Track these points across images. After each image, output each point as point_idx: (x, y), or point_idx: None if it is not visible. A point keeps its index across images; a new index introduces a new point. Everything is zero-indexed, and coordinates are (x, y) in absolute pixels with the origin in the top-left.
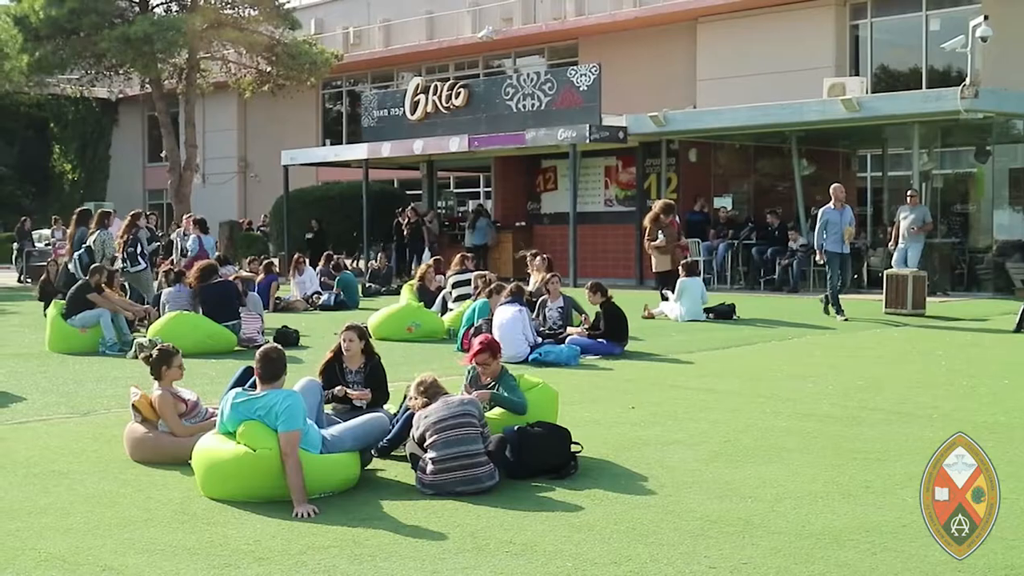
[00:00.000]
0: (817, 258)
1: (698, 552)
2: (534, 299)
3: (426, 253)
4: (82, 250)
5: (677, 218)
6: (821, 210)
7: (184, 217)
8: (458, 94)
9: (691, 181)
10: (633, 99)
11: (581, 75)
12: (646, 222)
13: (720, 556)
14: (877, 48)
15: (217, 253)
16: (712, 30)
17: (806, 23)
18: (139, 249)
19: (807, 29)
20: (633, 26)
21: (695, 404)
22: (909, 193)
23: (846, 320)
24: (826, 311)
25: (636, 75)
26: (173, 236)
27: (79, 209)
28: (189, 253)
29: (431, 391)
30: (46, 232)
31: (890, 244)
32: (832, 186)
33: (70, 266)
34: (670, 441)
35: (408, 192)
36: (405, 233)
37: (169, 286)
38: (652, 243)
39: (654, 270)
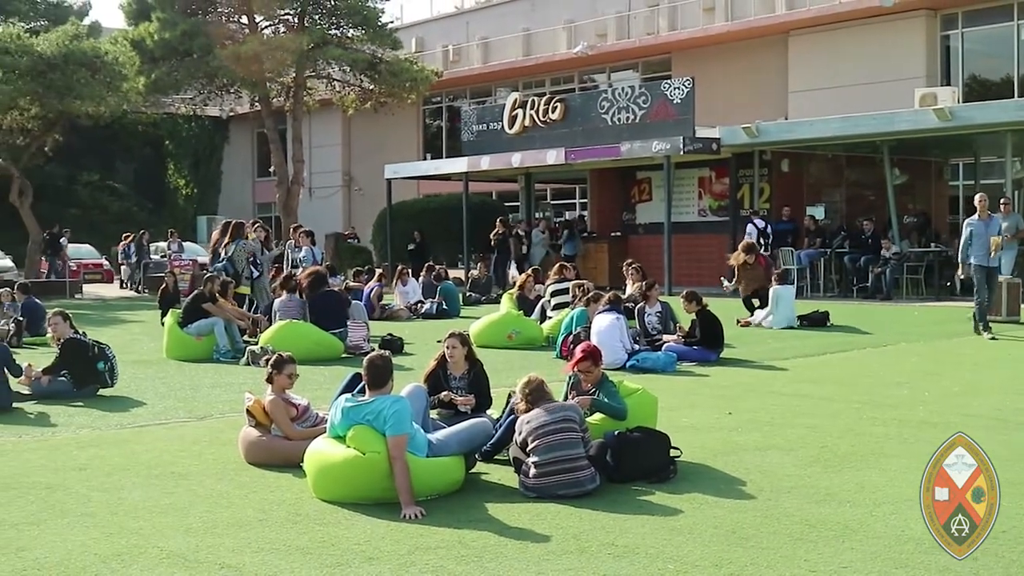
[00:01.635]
0: (960, 273)
1: (798, 556)
2: (632, 305)
3: (512, 265)
4: (223, 261)
5: (763, 254)
6: (966, 222)
7: (293, 228)
8: (555, 108)
9: (783, 191)
10: (725, 111)
11: (675, 88)
12: (732, 261)
13: (819, 560)
14: (968, 58)
15: (327, 262)
16: (803, 42)
17: (897, 34)
18: (254, 259)
19: (898, 40)
20: (725, 40)
21: (791, 410)
22: (1002, 201)
23: (993, 339)
24: (977, 331)
25: (728, 87)
26: (285, 248)
27: (225, 221)
28: (302, 264)
29: (535, 395)
30: (162, 245)
31: None
32: (976, 196)
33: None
34: (767, 446)
35: (506, 204)
36: (492, 244)
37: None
38: (737, 285)
39: (741, 295)
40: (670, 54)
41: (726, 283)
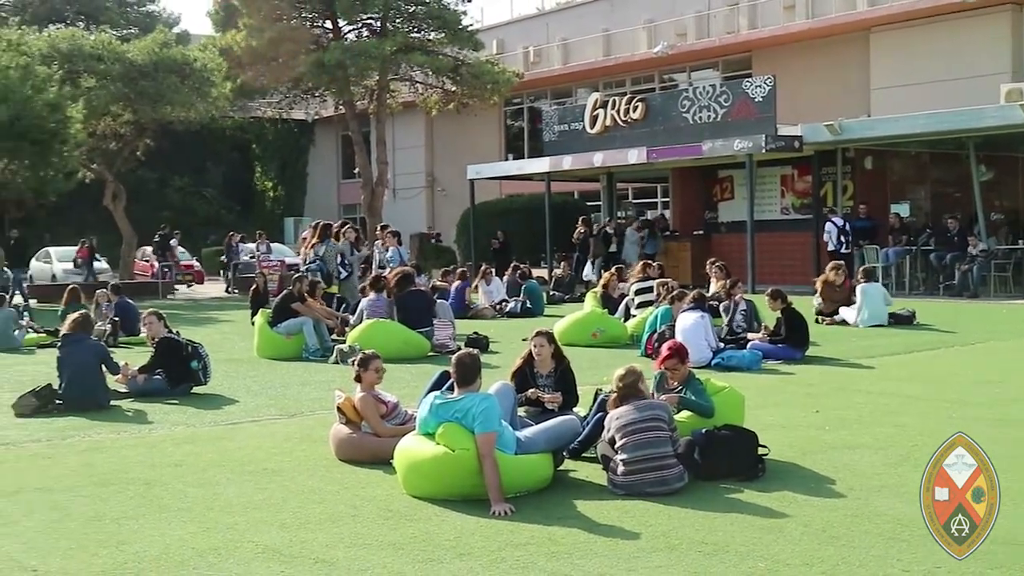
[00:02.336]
0: None
1: (890, 555)
2: (716, 303)
3: (588, 264)
4: (315, 262)
5: (849, 279)
6: None
7: (380, 229)
8: (636, 108)
9: (867, 188)
10: (807, 109)
11: (756, 87)
12: (818, 284)
13: (913, 559)
14: None
15: (413, 262)
16: (885, 39)
17: (980, 29)
18: (342, 259)
19: (982, 35)
20: (806, 37)
21: (879, 408)
22: None
23: None
24: None
25: (810, 85)
26: (372, 249)
27: (316, 222)
28: (389, 265)
29: (628, 389)
30: (250, 246)
31: None
32: None
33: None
34: (856, 445)
35: (588, 204)
36: (574, 243)
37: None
38: (821, 303)
39: (824, 311)
40: (750, 52)
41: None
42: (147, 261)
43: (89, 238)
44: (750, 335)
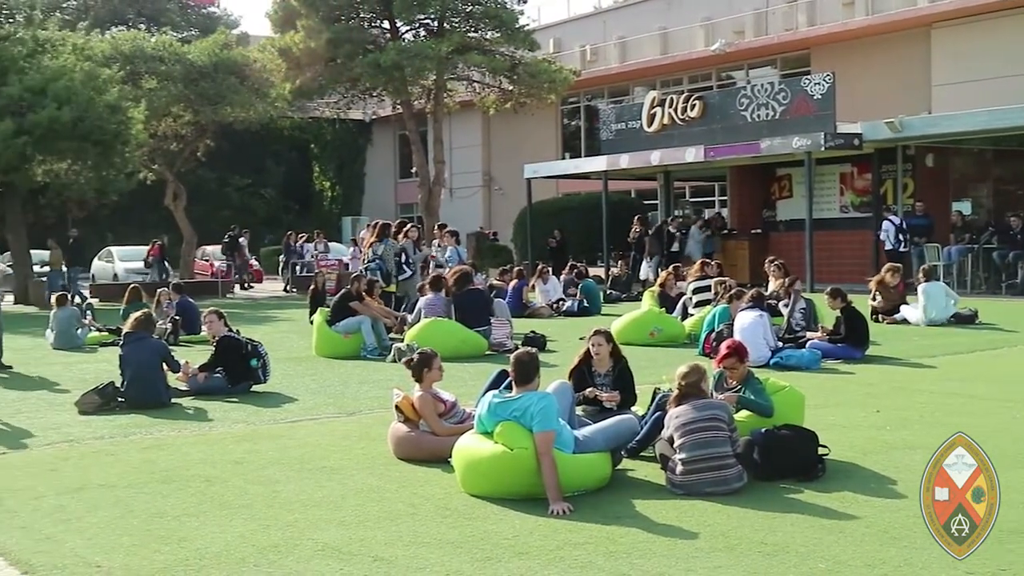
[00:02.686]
0: None
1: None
2: (774, 302)
3: (644, 263)
4: (375, 261)
5: (903, 281)
6: None
7: (438, 228)
8: (693, 106)
9: (928, 186)
10: (867, 106)
11: (815, 84)
12: (872, 285)
13: (977, 561)
14: None
15: (471, 261)
16: (946, 35)
17: None
18: (405, 258)
19: None
20: (865, 34)
21: (941, 408)
22: None
23: None
24: None
25: (869, 82)
26: (431, 248)
27: (376, 222)
28: (447, 264)
29: (690, 388)
30: (308, 246)
31: None
32: None
33: (367, 274)
34: (918, 445)
35: (645, 202)
36: (629, 240)
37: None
38: (873, 304)
39: (878, 310)
40: (809, 50)
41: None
42: (207, 260)
43: (160, 237)
44: (809, 334)
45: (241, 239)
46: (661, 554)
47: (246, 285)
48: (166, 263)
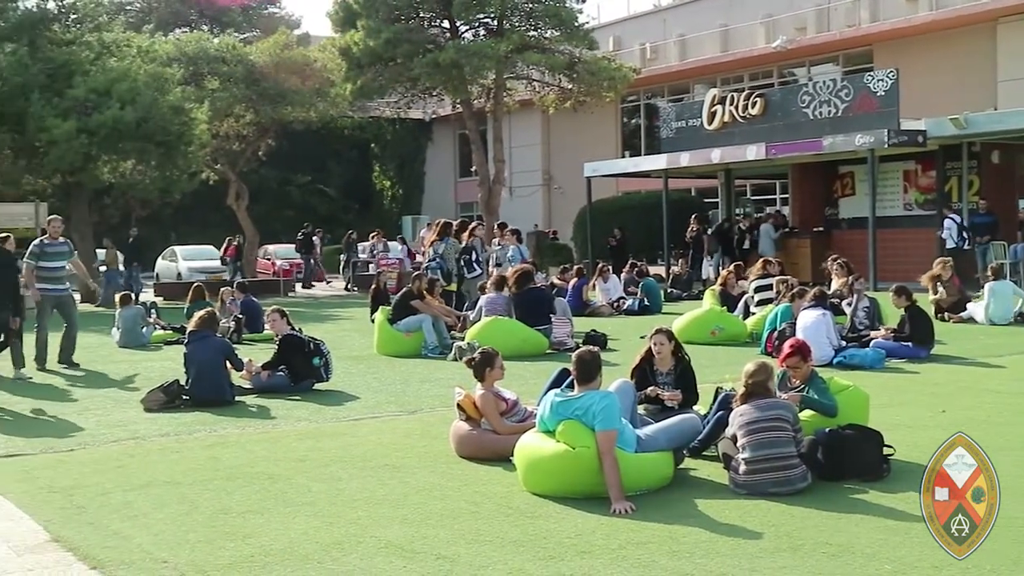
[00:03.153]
0: None
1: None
2: (837, 301)
3: (704, 261)
4: (436, 260)
5: (956, 276)
6: None
7: (496, 227)
8: (754, 103)
9: (994, 183)
10: (931, 102)
11: (878, 80)
12: (926, 281)
13: None
14: None
15: (533, 260)
16: (1013, 30)
17: None
18: (474, 257)
19: None
20: (929, 29)
21: (1011, 408)
22: None
23: None
24: None
25: (933, 78)
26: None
27: (441, 221)
28: (509, 263)
29: (756, 387)
30: (364, 244)
31: None
32: None
33: (428, 273)
34: (985, 446)
35: (705, 200)
36: (687, 239)
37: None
38: (933, 298)
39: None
40: (872, 46)
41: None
42: (268, 260)
43: (236, 236)
44: (872, 333)
45: (315, 237)
46: (724, 554)
47: (312, 284)
48: (213, 262)
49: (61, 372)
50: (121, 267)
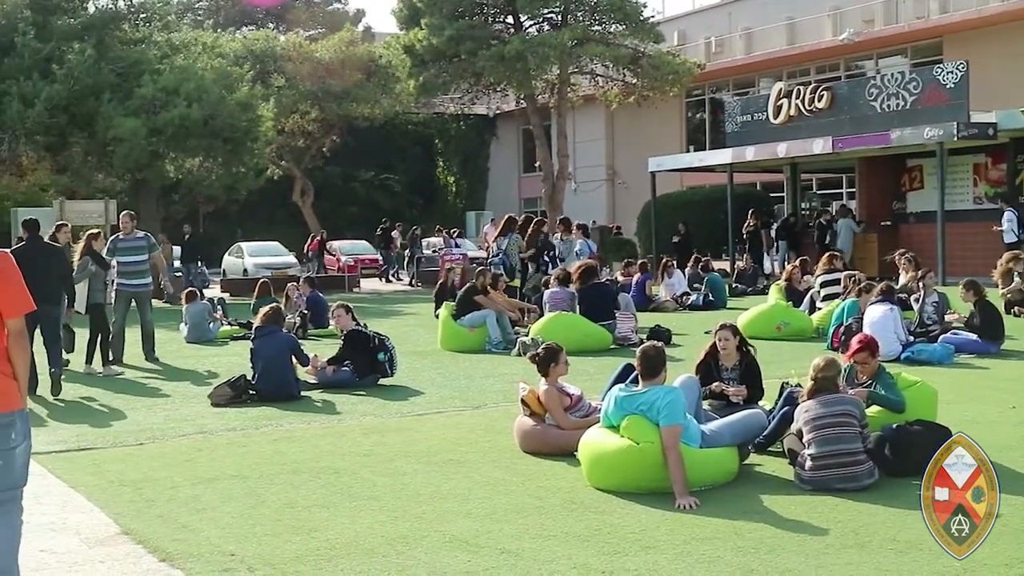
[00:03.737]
0: None
1: None
2: (905, 296)
3: (766, 256)
4: (500, 255)
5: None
6: None
7: (558, 222)
8: (821, 96)
9: None
10: (1002, 94)
11: (947, 72)
12: (996, 276)
13: None
14: None
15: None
16: None
17: None
18: (554, 252)
19: None
20: (1001, 21)
21: None
22: None
23: None
24: None
25: (1004, 70)
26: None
27: (505, 216)
28: (578, 256)
29: (824, 382)
30: (433, 240)
31: None
32: None
33: (492, 269)
34: None
35: (771, 195)
36: (744, 236)
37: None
38: (1004, 291)
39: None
40: (941, 38)
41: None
42: (333, 255)
43: (320, 231)
44: (948, 316)
45: (393, 232)
46: (790, 550)
47: (391, 278)
48: (282, 258)
49: (132, 366)
50: (176, 263)
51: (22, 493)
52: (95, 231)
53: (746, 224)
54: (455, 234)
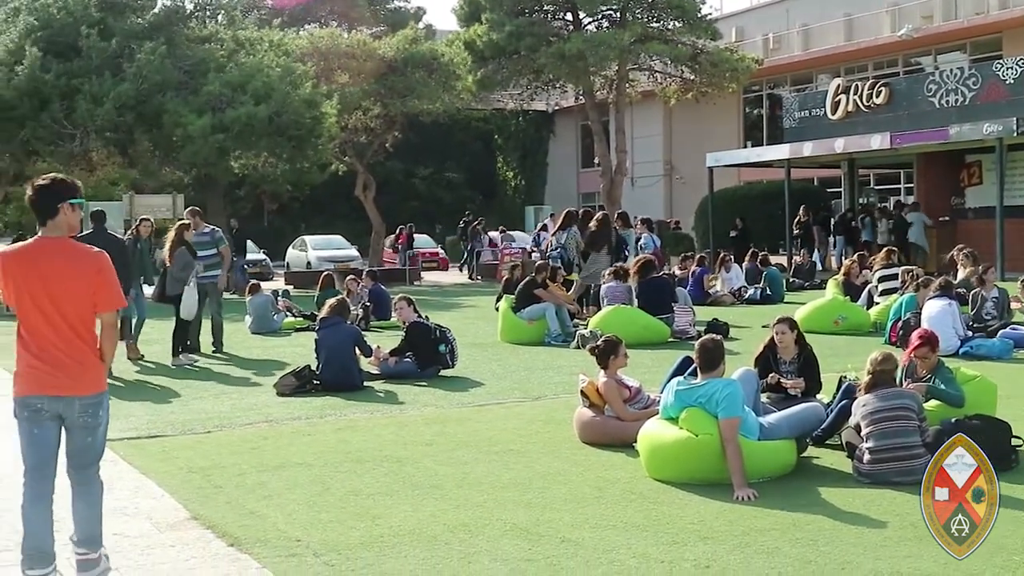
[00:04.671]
0: None
1: None
2: (964, 291)
3: (816, 253)
4: (558, 249)
5: None
6: None
7: (616, 216)
8: (879, 92)
9: None
10: None
11: (1007, 68)
12: None
13: None
14: None
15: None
16: None
17: None
18: (626, 246)
19: None
20: None
21: None
22: None
23: None
24: None
25: None
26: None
27: (564, 210)
28: (642, 250)
29: (881, 376)
30: (494, 235)
31: None
32: None
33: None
34: None
35: (828, 190)
36: (795, 232)
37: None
38: None
39: None
40: (1001, 33)
41: None
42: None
43: (408, 225)
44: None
45: (477, 225)
46: (848, 542)
47: (475, 275)
48: (344, 251)
49: (201, 355)
50: (250, 255)
51: (99, 466)
52: (186, 221)
53: (797, 219)
54: (501, 231)
